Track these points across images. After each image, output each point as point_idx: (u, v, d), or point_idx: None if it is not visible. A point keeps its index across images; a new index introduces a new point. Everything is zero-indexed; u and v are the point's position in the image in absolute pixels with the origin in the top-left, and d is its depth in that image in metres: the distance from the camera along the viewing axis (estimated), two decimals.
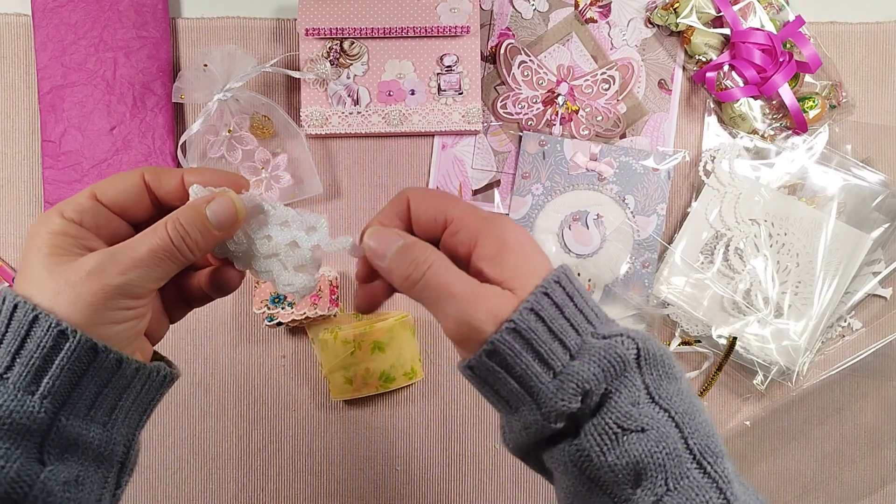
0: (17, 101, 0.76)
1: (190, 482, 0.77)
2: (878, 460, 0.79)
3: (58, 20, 0.74)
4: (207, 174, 0.40)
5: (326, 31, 0.74)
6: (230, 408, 0.77)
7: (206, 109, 0.72)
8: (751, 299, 0.76)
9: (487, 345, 0.36)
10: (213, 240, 0.38)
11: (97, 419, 0.36)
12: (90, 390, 0.35)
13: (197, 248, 0.38)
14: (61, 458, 0.34)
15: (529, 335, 0.36)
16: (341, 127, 0.76)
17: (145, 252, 0.36)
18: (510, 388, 0.37)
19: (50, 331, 0.33)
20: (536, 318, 0.36)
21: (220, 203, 0.38)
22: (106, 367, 0.35)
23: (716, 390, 0.78)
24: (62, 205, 0.37)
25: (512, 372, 0.36)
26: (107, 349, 0.35)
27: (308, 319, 0.74)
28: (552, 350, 0.36)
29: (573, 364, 0.36)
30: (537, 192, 0.77)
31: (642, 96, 0.79)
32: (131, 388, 0.37)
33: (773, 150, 0.77)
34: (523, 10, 0.78)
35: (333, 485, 0.77)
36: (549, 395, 0.35)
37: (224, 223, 0.38)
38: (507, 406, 0.38)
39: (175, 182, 0.39)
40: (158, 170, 0.40)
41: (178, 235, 0.37)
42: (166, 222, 0.37)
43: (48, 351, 0.34)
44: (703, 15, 0.76)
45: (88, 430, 0.35)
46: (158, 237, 0.36)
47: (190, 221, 0.37)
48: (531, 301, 0.36)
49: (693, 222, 0.78)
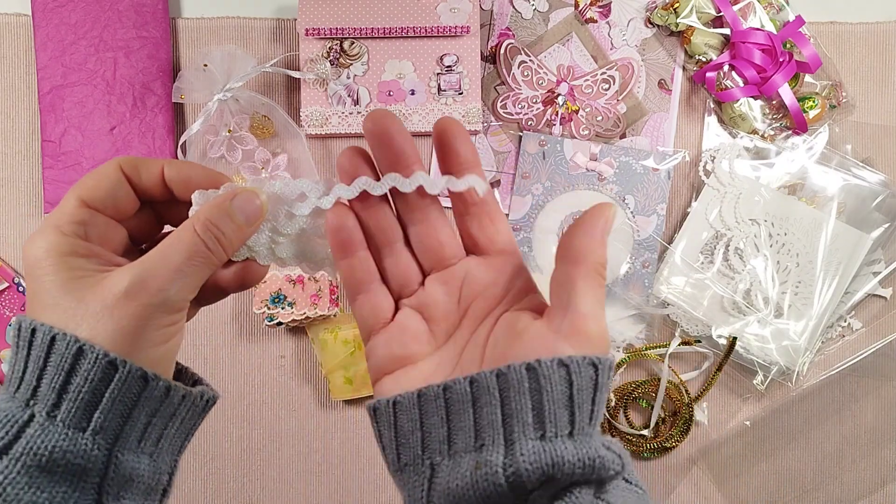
0: (17, 101, 0.76)
1: (190, 482, 0.77)
2: (878, 460, 0.79)
3: (58, 20, 0.74)
4: (185, 169, 0.37)
5: (326, 31, 0.74)
6: (230, 408, 0.77)
7: (206, 109, 0.72)
8: (751, 299, 0.76)
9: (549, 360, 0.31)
10: (244, 236, 0.36)
11: (146, 451, 0.34)
12: (141, 421, 0.33)
13: (231, 247, 0.35)
14: (118, 497, 0.32)
15: (564, 383, 0.31)
16: (341, 127, 0.76)
17: (181, 260, 0.33)
18: (493, 418, 0.31)
19: (98, 362, 0.31)
20: (591, 376, 0.31)
21: (243, 198, 0.35)
22: (156, 397, 0.33)
23: (716, 390, 0.78)
24: (55, 220, 0.34)
25: (517, 400, 0.31)
26: (156, 377, 0.33)
27: (308, 319, 0.74)
28: (567, 414, 0.31)
29: (561, 442, 0.30)
30: (537, 192, 0.77)
31: (642, 96, 0.79)
32: (177, 415, 0.35)
33: (773, 150, 0.77)
34: (523, 10, 0.78)
35: (333, 485, 0.77)
36: (524, 450, 0.30)
37: (252, 217, 0.36)
38: (472, 438, 0.32)
39: (155, 173, 0.36)
40: (134, 160, 0.36)
41: (212, 237, 0.34)
42: (193, 225, 0.34)
43: (97, 384, 0.31)
44: (703, 15, 0.76)
45: (140, 463, 0.33)
46: (191, 241, 0.34)
47: (220, 220, 0.34)
48: (594, 359, 0.31)
49: (693, 222, 0.78)
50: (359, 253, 0.36)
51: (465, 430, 0.32)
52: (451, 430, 0.32)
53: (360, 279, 0.36)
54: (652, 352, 0.76)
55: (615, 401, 0.77)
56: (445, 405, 0.33)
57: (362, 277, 0.36)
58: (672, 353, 0.75)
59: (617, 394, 0.77)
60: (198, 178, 0.36)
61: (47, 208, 0.74)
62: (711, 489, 0.79)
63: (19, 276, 0.76)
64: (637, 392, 0.77)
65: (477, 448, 0.31)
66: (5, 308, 0.75)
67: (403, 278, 0.37)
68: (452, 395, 0.32)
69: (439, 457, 0.32)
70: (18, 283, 0.75)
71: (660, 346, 0.76)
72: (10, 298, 0.75)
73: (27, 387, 0.32)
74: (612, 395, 0.76)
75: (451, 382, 0.32)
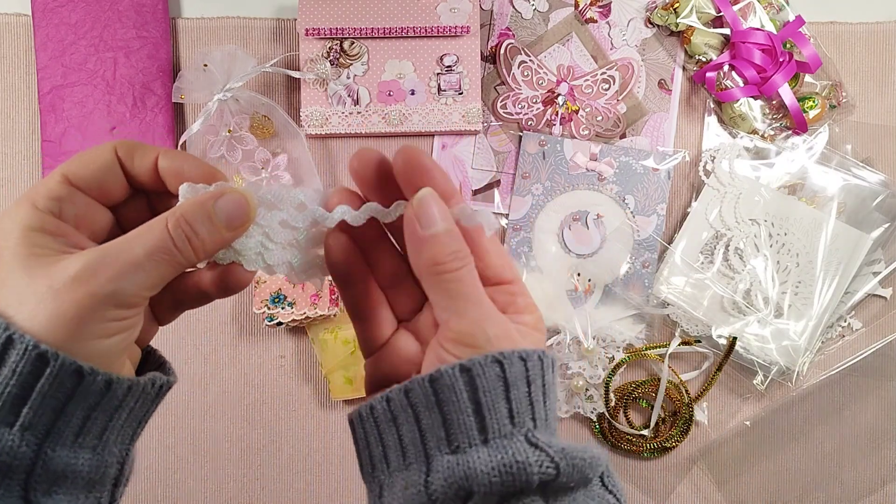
0: (17, 101, 0.76)
1: (190, 482, 0.77)
2: (878, 460, 0.79)
3: (58, 20, 0.74)
4: (180, 160, 0.34)
5: (326, 31, 0.74)
6: (230, 408, 0.77)
7: (206, 109, 0.72)
8: (751, 299, 0.76)
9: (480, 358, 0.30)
10: (222, 242, 0.33)
11: (86, 445, 0.31)
12: (77, 416, 0.31)
13: (203, 250, 0.32)
14: (49, 493, 0.30)
15: (468, 388, 0.30)
16: (341, 127, 0.76)
17: (142, 254, 0.31)
18: (413, 436, 0.31)
19: (27, 354, 0.29)
20: (498, 374, 0.30)
21: (230, 200, 0.33)
22: (93, 391, 0.30)
23: (716, 390, 0.78)
24: (32, 193, 0.32)
25: (426, 416, 0.31)
26: (93, 371, 0.30)
27: (308, 319, 0.74)
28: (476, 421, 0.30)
29: (474, 451, 0.29)
30: (537, 192, 0.77)
31: (642, 96, 0.79)
32: (123, 406, 0.32)
33: (773, 150, 0.77)
34: (523, 10, 0.78)
35: (333, 484, 0.77)
36: (439, 466, 0.30)
37: (235, 222, 0.33)
38: (401, 457, 0.32)
39: (149, 161, 0.34)
40: (132, 144, 0.34)
41: (183, 235, 0.32)
42: (167, 219, 0.32)
43: (26, 377, 0.29)
44: (703, 15, 0.76)
45: (77, 458, 0.31)
46: (158, 236, 0.31)
47: (197, 219, 0.32)
48: (497, 355, 0.30)
49: (693, 222, 0.78)
50: (360, 285, 0.35)
51: (394, 448, 0.32)
52: (384, 448, 0.32)
53: (361, 308, 0.36)
54: (652, 352, 0.76)
55: (615, 401, 0.77)
56: (375, 424, 0.32)
57: (364, 306, 0.36)
58: (672, 353, 0.75)
59: (617, 394, 0.77)
60: (190, 170, 0.34)
61: None
62: (711, 489, 0.79)
63: None
64: (637, 392, 0.77)
65: (406, 467, 0.31)
66: None
67: (405, 304, 0.37)
68: (377, 414, 0.32)
69: (383, 476, 0.32)
70: None
71: (660, 346, 0.76)
72: None
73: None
74: (613, 394, 0.76)
75: (374, 402, 0.32)
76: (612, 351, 0.76)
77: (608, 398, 0.76)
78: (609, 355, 0.76)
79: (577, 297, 0.77)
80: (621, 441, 0.77)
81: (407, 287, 0.37)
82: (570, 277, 0.77)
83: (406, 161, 0.33)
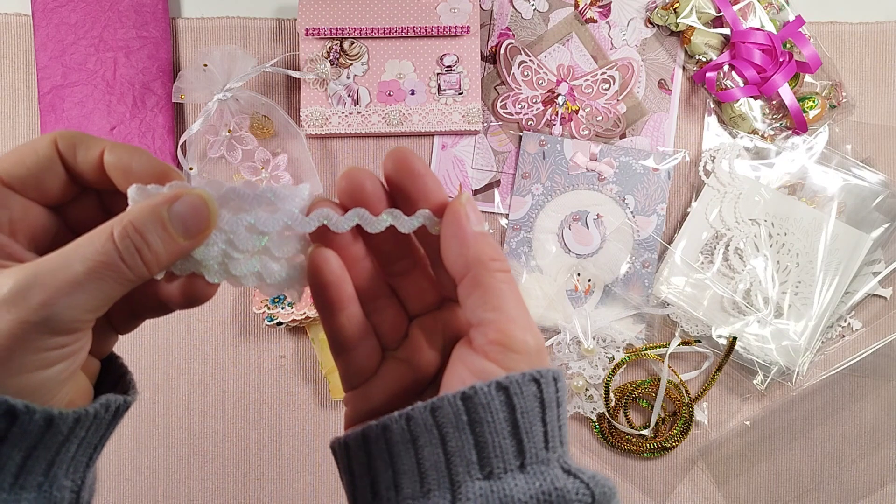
0: (17, 101, 0.76)
1: (190, 482, 0.77)
2: (878, 460, 0.79)
3: (58, 20, 0.74)
4: (128, 155, 0.30)
5: (326, 31, 0.74)
6: (230, 408, 0.77)
7: (206, 109, 0.72)
8: (751, 299, 0.76)
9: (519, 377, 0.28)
10: (178, 253, 0.29)
11: (29, 485, 0.27)
12: (14, 459, 0.26)
13: (156, 263, 0.28)
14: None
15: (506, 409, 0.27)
16: (341, 127, 0.76)
17: (81, 271, 0.26)
18: (436, 459, 0.28)
19: None
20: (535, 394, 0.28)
21: (186, 204, 0.28)
22: (31, 431, 0.26)
23: (716, 390, 0.78)
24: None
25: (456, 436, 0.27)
26: (29, 409, 0.26)
27: (308, 319, 0.74)
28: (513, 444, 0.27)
29: (510, 478, 0.27)
30: (537, 192, 0.77)
31: (642, 96, 0.79)
32: (71, 439, 0.28)
33: (773, 150, 0.77)
34: (523, 10, 0.78)
35: (334, 484, 0.77)
36: (470, 493, 0.27)
37: (193, 230, 0.28)
38: (417, 483, 0.28)
39: (93, 155, 0.30)
40: (73, 135, 0.30)
41: (131, 247, 0.27)
42: (111, 228, 0.27)
43: None
44: (703, 15, 0.76)
45: (18, 501, 0.27)
46: (100, 249, 0.26)
47: (148, 227, 0.27)
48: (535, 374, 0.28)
49: (693, 222, 0.78)
50: (347, 310, 0.32)
51: (409, 473, 0.28)
52: (395, 474, 0.29)
53: (348, 337, 0.32)
54: (652, 352, 0.76)
55: (615, 401, 0.77)
56: (387, 447, 0.29)
57: (351, 335, 0.32)
58: (672, 353, 0.75)
59: (617, 394, 0.77)
60: (140, 168, 0.30)
61: None
62: (711, 489, 0.79)
63: None
64: (637, 392, 0.77)
65: (424, 494, 0.28)
66: None
67: (390, 333, 0.34)
68: (391, 435, 0.28)
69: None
70: None
71: (660, 346, 0.76)
72: None
73: None
74: (613, 394, 0.76)
75: (388, 421, 0.29)
76: (612, 351, 0.76)
77: (608, 398, 0.76)
78: (609, 355, 0.76)
79: (577, 297, 0.77)
80: (621, 441, 0.77)
81: (390, 312, 0.34)
82: (570, 277, 0.77)
83: (396, 164, 0.30)
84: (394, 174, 0.31)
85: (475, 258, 0.29)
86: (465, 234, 0.29)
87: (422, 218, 0.31)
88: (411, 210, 0.31)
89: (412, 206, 0.31)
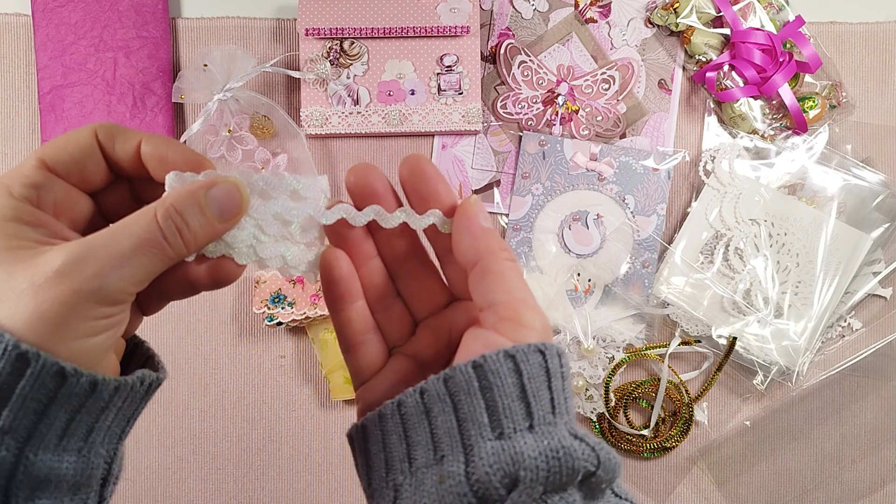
0: (17, 101, 0.76)
1: (190, 482, 0.77)
2: (878, 460, 0.79)
3: (58, 20, 0.74)
4: (164, 146, 0.33)
5: (326, 31, 0.74)
6: (230, 408, 0.77)
7: (206, 109, 0.72)
8: (751, 299, 0.76)
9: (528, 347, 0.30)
10: (213, 234, 0.32)
11: (71, 448, 0.30)
12: (60, 419, 0.29)
13: (194, 243, 0.31)
14: (31, 498, 0.29)
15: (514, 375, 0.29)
16: (341, 127, 0.76)
17: (129, 247, 0.29)
18: (449, 426, 0.30)
19: (7, 354, 0.27)
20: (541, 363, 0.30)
21: (222, 190, 0.31)
22: (77, 393, 0.29)
23: (716, 390, 0.78)
24: (6, 180, 0.30)
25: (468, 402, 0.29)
26: (77, 372, 0.28)
27: (308, 319, 0.74)
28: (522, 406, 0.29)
29: (520, 437, 0.29)
30: (537, 192, 0.77)
31: (642, 96, 0.79)
32: (110, 407, 0.31)
33: (773, 150, 0.77)
34: (523, 10, 0.78)
35: (333, 484, 0.77)
36: (482, 452, 0.28)
37: (227, 214, 0.32)
38: (431, 451, 0.30)
39: (131, 146, 0.32)
40: (113, 127, 0.32)
41: (173, 227, 0.30)
42: (155, 210, 0.30)
43: (6, 378, 0.27)
44: (703, 15, 0.76)
45: (61, 462, 0.29)
46: (146, 228, 0.29)
47: (187, 210, 0.30)
48: (539, 346, 0.30)
49: (693, 222, 0.78)
50: (356, 304, 0.35)
51: (423, 444, 0.30)
52: (409, 447, 0.31)
53: (356, 331, 0.35)
54: (652, 352, 0.76)
55: (615, 401, 0.77)
56: (401, 421, 0.31)
57: (359, 329, 0.35)
58: (672, 353, 0.75)
59: (617, 394, 0.77)
60: (175, 157, 0.32)
61: None
62: (711, 489, 0.79)
63: None
64: (637, 392, 0.77)
65: (438, 461, 0.29)
66: None
67: (396, 330, 0.36)
68: (406, 409, 0.31)
69: (401, 476, 0.31)
70: None
71: (660, 346, 0.76)
72: None
73: None
74: (613, 394, 0.76)
75: (403, 396, 0.31)
76: (612, 351, 0.76)
77: (608, 398, 0.75)
78: (609, 355, 0.76)
79: (577, 297, 0.77)
80: (621, 441, 0.77)
81: (398, 309, 0.36)
82: (570, 277, 0.77)
83: (412, 169, 0.34)
84: (409, 178, 0.34)
85: (485, 248, 0.32)
86: (475, 228, 0.32)
87: (433, 217, 0.34)
88: (423, 211, 0.34)
89: (424, 207, 0.34)
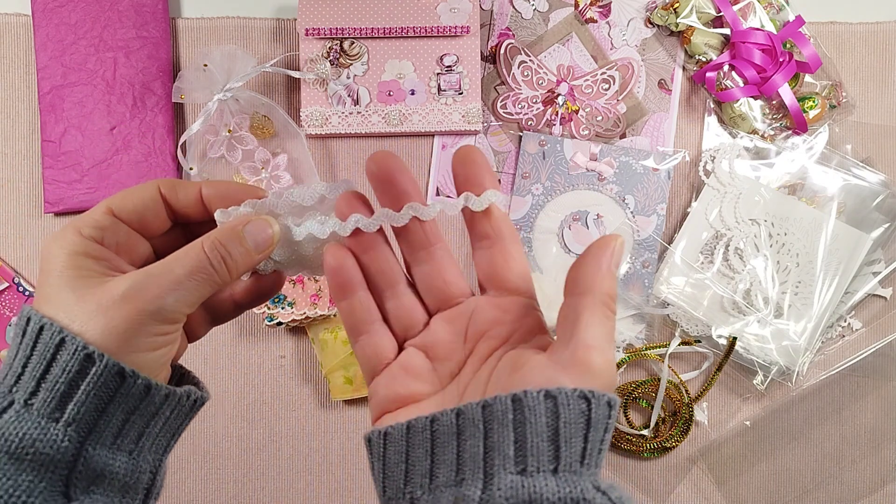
0: (17, 101, 0.76)
1: (190, 482, 0.77)
2: (878, 460, 0.79)
3: (58, 20, 0.74)
4: (223, 186, 0.38)
5: (326, 31, 0.74)
6: (230, 408, 0.77)
7: (206, 109, 0.72)
8: (751, 299, 0.76)
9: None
10: (252, 262, 0.37)
11: (124, 448, 0.34)
12: (117, 417, 0.33)
13: (236, 270, 0.36)
14: (87, 490, 0.33)
15: (550, 415, 0.29)
16: (341, 127, 0.76)
17: (182, 274, 0.34)
18: (475, 451, 0.30)
19: (76, 354, 0.32)
20: (583, 410, 0.29)
21: (256, 225, 0.36)
22: (134, 394, 0.33)
23: (716, 390, 0.78)
24: (78, 222, 0.35)
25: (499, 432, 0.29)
26: (135, 374, 0.33)
27: (308, 319, 0.74)
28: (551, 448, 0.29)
29: (542, 478, 0.28)
30: (537, 192, 0.77)
31: (642, 96, 0.79)
32: (160, 414, 0.35)
33: (773, 150, 0.77)
34: (523, 10, 0.78)
35: (333, 484, 0.77)
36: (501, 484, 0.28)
37: (262, 245, 0.37)
38: (453, 472, 0.30)
39: (193, 194, 0.38)
40: (175, 182, 0.38)
41: (219, 256, 0.35)
42: (202, 243, 0.35)
43: (74, 375, 0.32)
44: (703, 15, 0.76)
45: (115, 459, 0.34)
46: (196, 258, 0.35)
47: (229, 242, 0.36)
48: (586, 392, 0.30)
49: (693, 222, 0.78)
50: (358, 294, 0.36)
51: (447, 463, 0.31)
52: (433, 464, 0.31)
53: (360, 319, 0.36)
54: (652, 352, 0.76)
55: None
56: (431, 437, 0.32)
57: (362, 318, 0.36)
58: (672, 353, 0.75)
59: (617, 394, 0.77)
60: (235, 192, 0.38)
61: (47, 208, 0.74)
62: (711, 489, 0.79)
63: (19, 277, 0.76)
64: (637, 392, 0.77)
65: (457, 482, 0.30)
66: (5, 308, 0.75)
67: (407, 320, 0.36)
68: (439, 427, 0.31)
69: (420, 490, 0.31)
70: (18, 283, 0.75)
71: (660, 346, 0.76)
72: (10, 298, 0.75)
73: (13, 374, 0.33)
74: None
75: (438, 414, 0.31)
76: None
77: None
78: None
79: None
80: (621, 441, 0.77)
81: (408, 298, 0.36)
82: None
83: (463, 160, 0.35)
84: (460, 167, 0.35)
85: (600, 287, 0.32)
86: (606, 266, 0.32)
87: (440, 205, 0.35)
88: (398, 205, 0.35)
89: (478, 190, 0.35)
